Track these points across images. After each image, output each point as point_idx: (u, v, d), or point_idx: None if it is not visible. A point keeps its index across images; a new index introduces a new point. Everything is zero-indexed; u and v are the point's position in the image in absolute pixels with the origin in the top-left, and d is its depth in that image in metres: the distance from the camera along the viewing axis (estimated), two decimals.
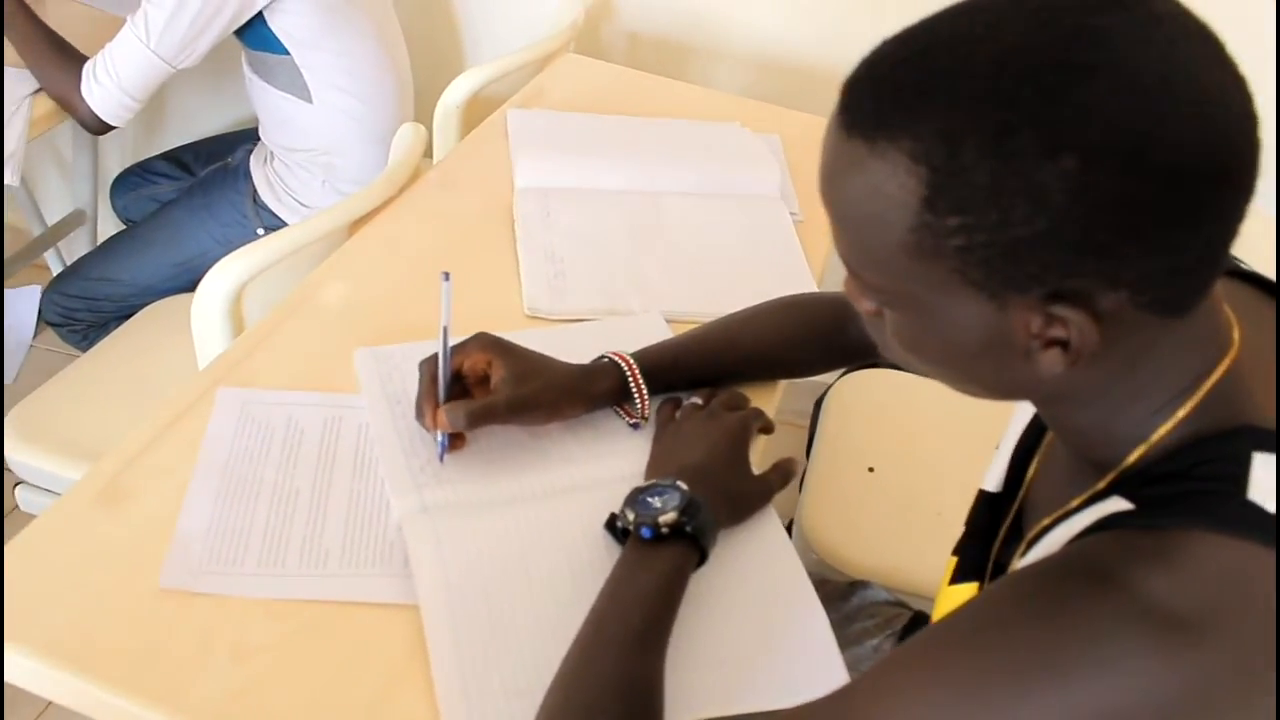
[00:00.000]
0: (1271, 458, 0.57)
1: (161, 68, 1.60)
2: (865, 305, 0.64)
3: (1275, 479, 0.56)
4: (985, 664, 0.56)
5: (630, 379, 0.99)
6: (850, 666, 0.89)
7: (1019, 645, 0.55)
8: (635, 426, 1.01)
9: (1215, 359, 0.60)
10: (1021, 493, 0.78)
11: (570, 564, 0.88)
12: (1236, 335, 0.62)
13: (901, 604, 1.15)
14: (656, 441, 0.98)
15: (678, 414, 1.00)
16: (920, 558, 1.33)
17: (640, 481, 0.94)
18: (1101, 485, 0.63)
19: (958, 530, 0.87)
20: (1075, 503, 0.65)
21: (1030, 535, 0.69)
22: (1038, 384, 0.60)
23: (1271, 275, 0.71)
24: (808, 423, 1.67)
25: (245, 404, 1.00)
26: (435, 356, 0.94)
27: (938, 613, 0.84)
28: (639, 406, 1.00)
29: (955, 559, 0.83)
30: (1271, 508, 0.55)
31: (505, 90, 1.65)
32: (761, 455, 1.02)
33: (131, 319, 1.72)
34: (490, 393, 0.95)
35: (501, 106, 1.55)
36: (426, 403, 0.94)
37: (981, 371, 0.62)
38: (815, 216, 1.41)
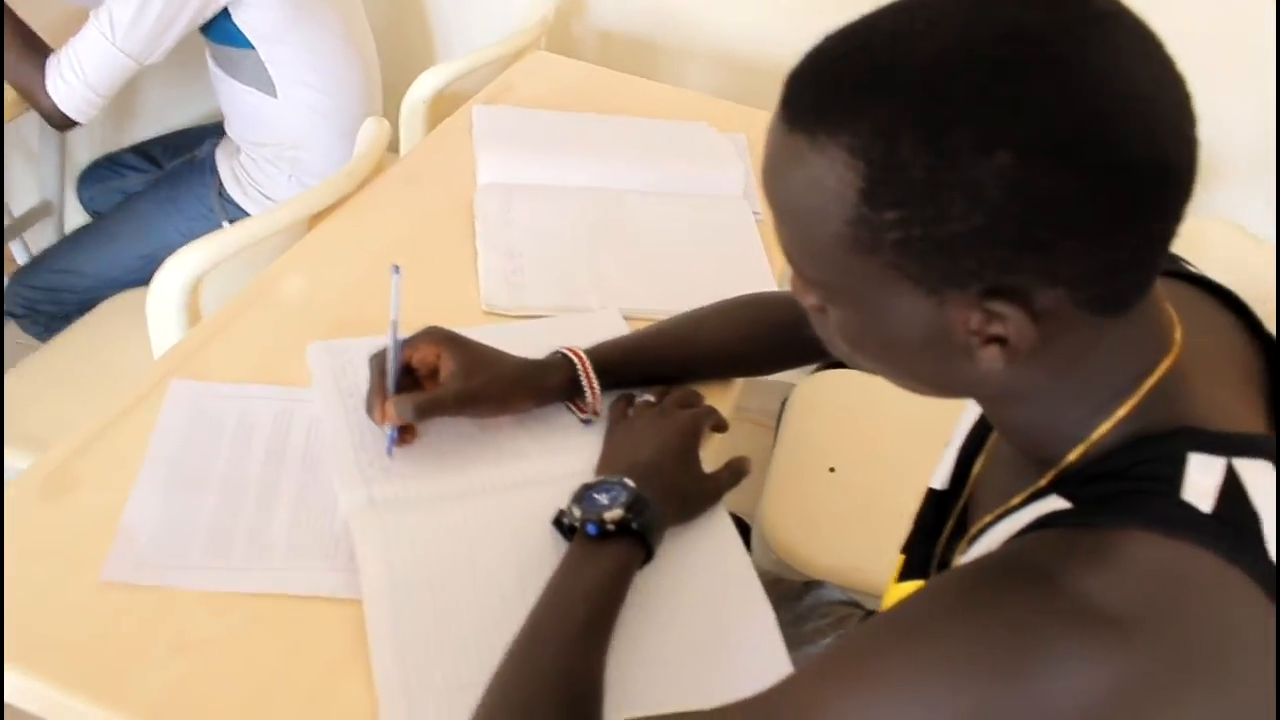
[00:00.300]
0: (1207, 458, 0.57)
1: (127, 64, 1.58)
2: (809, 301, 0.64)
3: (1215, 479, 0.56)
4: (919, 660, 0.56)
5: (582, 374, 0.99)
6: (800, 666, 0.89)
7: (953, 641, 0.55)
8: (587, 422, 1.01)
9: (1155, 359, 0.61)
10: (967, 490, 0.79)
11: (517, 559, 0.88)
12: (1178, 335, 0.62)
13: (855, 604, 1.16)
14: (608, 438, 0.98)
15: (630, 411, 1.00)
16: (879, 558, 1.31)
17: (591, 478, 0.94)
18: (1043, 483, 0.63)
19: None
20: (1017, 500, 0.65)
21: (972, 532, 0.70)
22: (979, 382, 0.61)
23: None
24: (774, 422, 1.68)
25: (197, 397, 1.00)
26: (385, 351, 0.94)
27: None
28: (590, 402, 0.99)
29: (904, 557, 0.83)
30: (1205, 508, 0.55)
31: (473, 86, 1.64)
32: (729, 454, 1.02)
33: (93, 311, 1.71)
34: (440, 386, 0.95)
35: (468, 103, 1.55)
36: (376, 396, 0.93)
37: (923, 368, 0.62)
38: None
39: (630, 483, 0.87)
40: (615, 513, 0.84)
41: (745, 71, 1.95)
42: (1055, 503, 0.60)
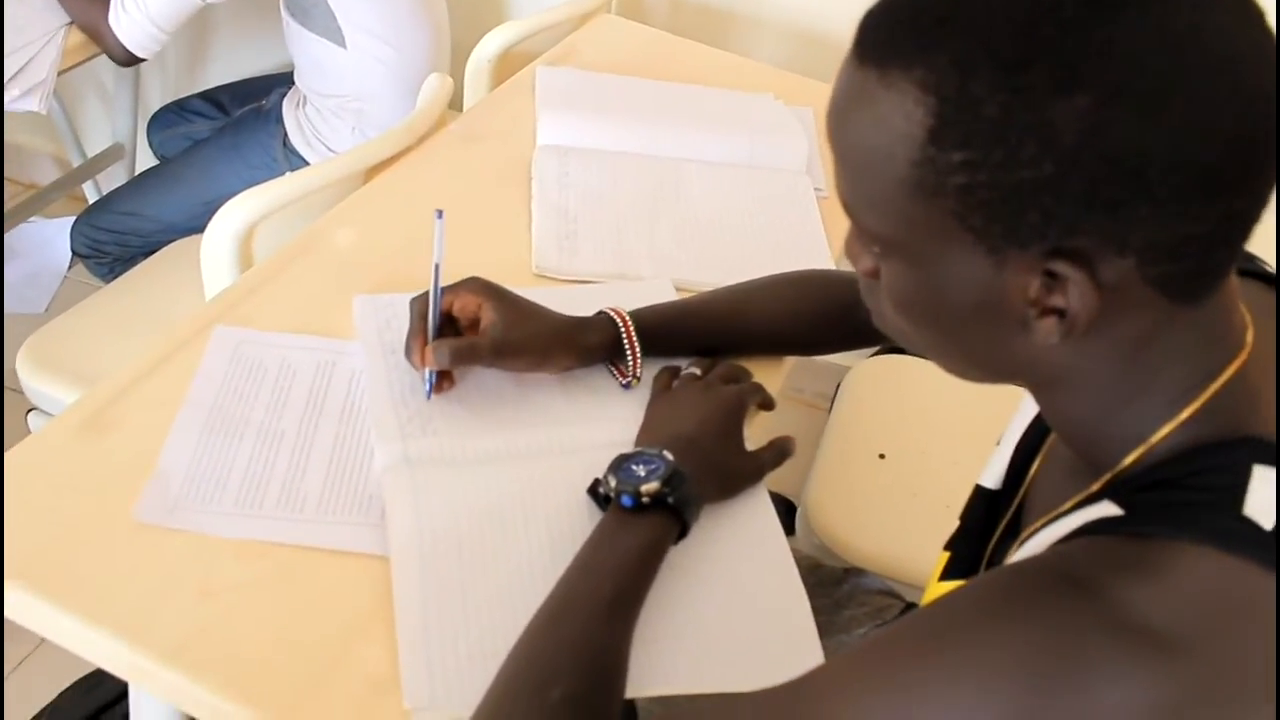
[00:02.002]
0: (1273, 472, 0.54)
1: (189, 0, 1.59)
2: (863, 264, 0.61)
3: (1276, 493, 0.53)
4: (952, 664, 0.53)
5: (624, 335, 0.98)
6: (833, 654, 0.87)
7: (988, 648, 0.52)
8: (626, 386, 0.99)
9: (1225, 360, 0.57)
10: (1022, 491, 0.75)
11: (549, 528, 0.87)
12: (1250, 337, 0.58)
13: (894, 594, 1.13)
14: (650, 408, 0.96)
15: (674, 383, 0.98)
16: (922, 549, 1.28)
17: (628, 448, 0.92)
18: (1095, 487, 0.60)
19: None
20: (1069, 504, 0.62)
21: (1023, 535, 0.67)
22: (1031, 361, 0.58)
23: None
24: (828, 404, 1.65)
25: (240, 343, 1.00)
26: (426, 294, 0.94)
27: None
28: (630, 365, 0.98)
29: (948, 554, 0.81)
30: (1268, 524, 0.52)
31: (540, 47, 1.62)
32: (779, 434, 0.98)
33: (154, 255, 1.73)
34: (479, 335, 0.94)
35: (532, 63, 1.53)
36: (415, 339, 0.93)
37: (974, 340, 0.59)
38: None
39: (669, 455, 0.85)
40: (651, 485, 0.82)
41: (815, 44, 1.91)
42: (1106, 508, 0.57)
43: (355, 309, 1.04)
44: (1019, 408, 0.81)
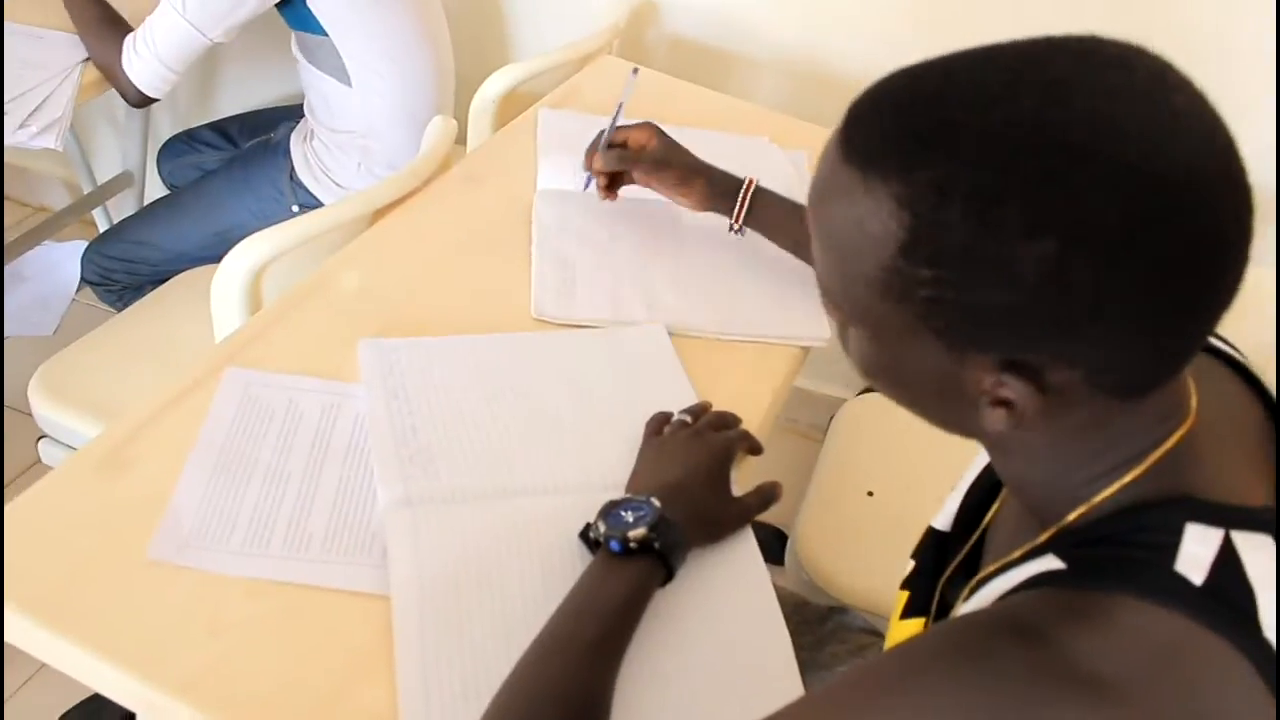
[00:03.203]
0: (1204, 529, 0.58)
1: (197, 39, 1.63)
2: (835, 316, 0.65)
3: (1211, 551, 0.57)
4: (907, 706, 0.57)
5: (742, 193, 1.22)
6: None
7: (943, 694, 0.56)
8: (733, 230, 1.24)
9: (1170, 430, 0.61)
10: (977, 533, 0.79)
11: (542, 569, 0.91)
12: (1193, 404, 0.62)
13: (876, 632, 1.16)
14: (640, 456, 1.00)
15: (665, 429, 1.02)
16: None
17: (621, 491, 0.96)
18: (1041, 540, 0.64)
19: None
20: (1017, 554, 0.66)
21: (974, 581, 0.71)
22: (985, 432, 0.61)
23: None
24: (822, 436, 1.68)
25: (249, 385, 1.04)
26: (605, 129, 1.24)
27: (890, 645, 0.86)
28: (735, 215, 1.23)
29: (906, 593, 0.84)
30: (1197, 580, 0.56)
31: (544, 87, 1.66)
32: (773, 464, 1.05)
33: (164, 285, 1.77)
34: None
35: (535, 104, 1.57)
36: (591, 149, 1.25)
37: (931, 408, 0.63)
38: None
39: (657, 503, 0.88)
40: (639, 531, 0.86)
41: (811, 84, 1.95)
42: (1050, 562, 0.61)
43: (360, 353, 1.08)
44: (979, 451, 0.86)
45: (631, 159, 1.23)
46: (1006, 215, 0.51)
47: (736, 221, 1.23)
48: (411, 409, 1.02)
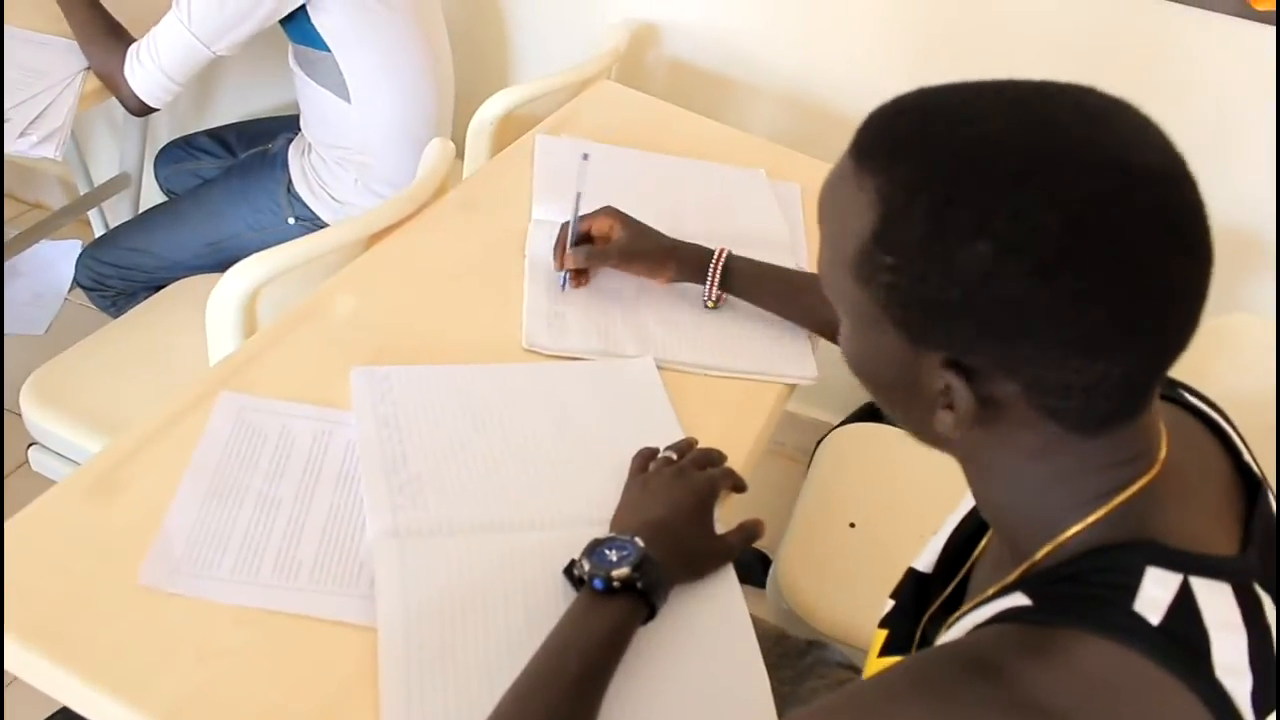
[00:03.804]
0: (1164, 573, 0.61)
1: (200, 50, 1.64)
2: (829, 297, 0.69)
3: (1169, 594, 0.60)
4: None
5: (712, 265, 1.24)
6: None
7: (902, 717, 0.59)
8: (705, 305, 1.27)
9: (1136, 475, 0.64)
10: (959, 577, 0.82)
11: (526, 603, 0.92)
12: (1163, 454, 0.65)
13: (854, 668, 1.18)
14: (625, 493, 1.02)
15: (650, 466, 1.04)
16: None
17: (606, 527, 0.98)
18: (1011, 578, 0.67)
19: None
20: (991, 591, 0.69)
21: (951, 619, 0.74)
22: (948, 440, 0.65)
23: None
24: (808, 459, 1.70)
25: (243, 409, 1.05)
26: (569, 222, 1.24)
27: None
28: (708, 288, 1.25)
29: (885, 632, 0.87)
30: (1154, 620, 0.59)
31: (543, 109, 1.68)
32: (758, 486, 1.09)
33: (158, 293, 1.78)
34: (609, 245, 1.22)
35: (532, 130, 1.59)
36: (558, 248, 1.24)
37: (898, 405, 0.68)
38: None
39: (640, 542, 0.90)
40: (622, 570, 0.88)
41: (806, 113, 1.97)
42: (1018, 599, 0.64)
43: (352, 380, 1.10)
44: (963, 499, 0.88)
45: (599, 255, 1.24)
46: (958, 216, 0.57)
47: (709, 295, 1.26)
48: (402, 437, 1.04)
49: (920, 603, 0.85)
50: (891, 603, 0.90)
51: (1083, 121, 0.58)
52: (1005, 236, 0.56)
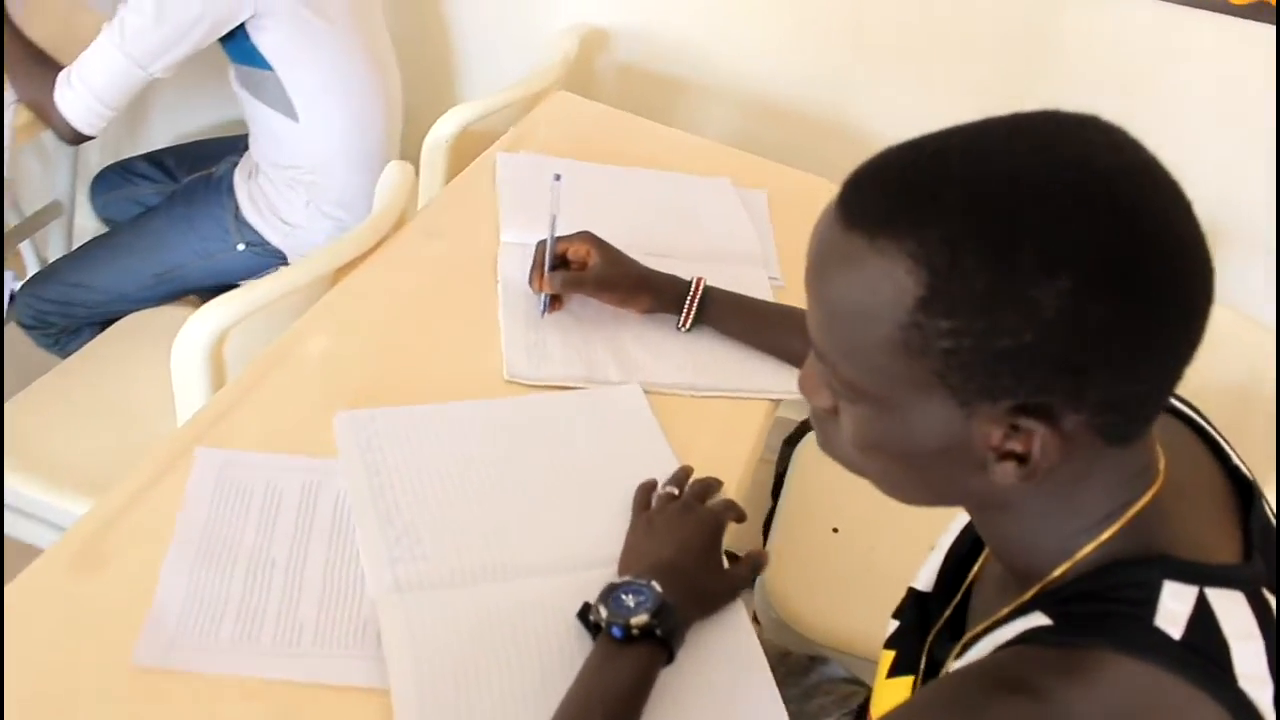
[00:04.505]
0: (1180, 586, 0.61)
1: (135, 73, 1.58)
2: (821, 401, 0.66)
3: (1187, 607, 0.60)
4: None
5: (689, 297, 1.23)
6: None
7: None
8: (679, 329, 1.25)
9: (1142, 489, 0.64)
10: (960, 594, 0.82)
11: (540, 654, 0.90)
12: (1162, 465, 0.66)
13: (859, 682, 1.18)
14: (631, 532, 1.00)
15: (653, 502, 1.02)
16: (878, 625, 1.35)
17: (613, 567, 0.96)
18: (1026, 597, 0.67)
19: None
20: (1004, 612, 0.68)
21: (965, 639, 0.73)
22: (980, 493, 0.64)
23: None
24: (775, 458, 1.70)
25: (224, 465, 1.01)
26: (545, 241, 1.20)
27: (876, 705, 0.87)
28: (682, 316, 1.23)
29: (892, 653, 0.86)
30: (1176, 635, 0.59)
31: (498, 124, 1.65)
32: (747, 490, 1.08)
33: (107, 331, 1.71)
34: (585, 271, 1.20)
35: (490, 147, 1.56)
36: (536, 270, 1.22)
37: (930, 477, 0.65)
38: (796, 282, 1.42)
39: (657, 587, 0.89)
40: (641, 617, 0.86)
41: (762, 114, 1.97)
42: (1037, 619, 0.64)
43: (336, 427, 1.06)
44: (954, 514, 0.88)
45: (574, 283, 1.21)
46: (1021, 257, 0.54)
47: (684, 324, 1.25)
48: (393, 484, 1.01)
49: (923, 621, 0.84)
50: (895, 623, 0.89)
51: (1094, 133, 0.58)
52: (1082, 264, 0.54)
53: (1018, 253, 0.54)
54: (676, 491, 1.03)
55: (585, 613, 0.91)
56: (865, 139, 1.92)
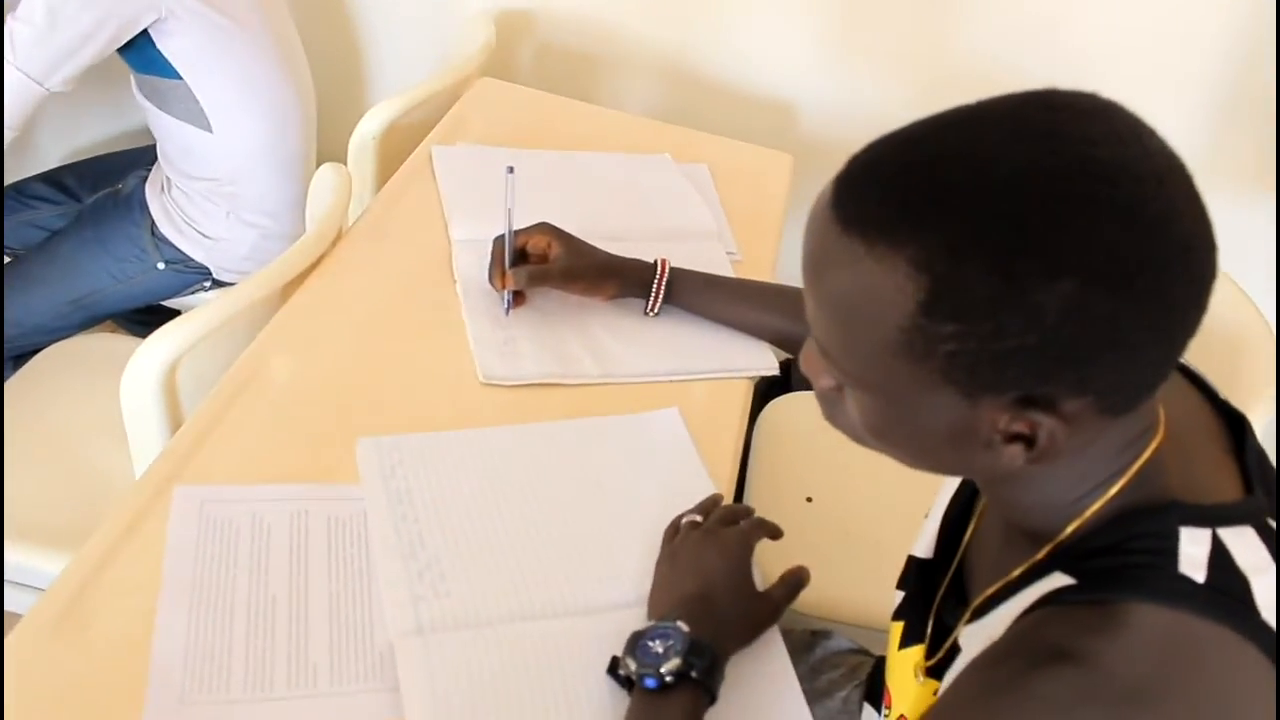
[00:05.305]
0: (1195, 531, 0.62)
1: (33, 89, 1.49)
2: (825, 383, 0.66)
3: (1205, 550, 0.61)
4: None
5: (656, 279, 1.21)
6: None
7: None
8: (646, 314, 1.23)
9: (1147, 442, 0.65)
10: (959, 556, 0.82)
11: (565, 696, 0.85)
12: (1162, 415, 0.67)
13: (864, 651, 1.18)
14: (658, 568, 0.95)
15: (677, 535, 0.97)
16: (862, 590, 1.36)
17: (642, 601, 0.92)
18: (1040, 556, 0.68)
19: (898, 562, 0.90)
20: (1016, 573, 0.69)
21: (976, 603, 0.73)
22: (988, 469, 0.64)
23: None
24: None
25: (204, 504, 0.96)
26: (504, 235, 1.17)
27: (892, 678, 0.87)
28: (650, 301, 1.22)
29: (901, 624, 0.86)
30: (1200, 578, 0.60)
31: (425, 116, 1.60)
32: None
33: (26, 366, 1.61)
34: (548, 264, 1.18)
35: (422, 142, 1.50)
36: (496, 267, 1.18)
37: (941, 456, 0.65)
38: (752, 254, 1.42)
39: (684, 626, 0.84)
40: (673, 663, 0.81)
41: (680, 85, 1.95)
42: (1059, 579, 0.65)
43: (359, 454, 1.02)
44: (943, 479, 0.89)
45: (539, 276, 1.18)
46: (1024, 263, 0.54)
47: (653, 308, 1.23)
48: (417, 515, 0.96)
49: (927, 589, 0.84)
50: (900, 594, 0.89)
51: (1084, 122, 0.57)
52: (1084, 266, 0.54)
53: (1019, 258, 0.54)
54: (700, 519, 0.98)
55: (615, 668, 0.85)
56: (792, 108, 1.92)
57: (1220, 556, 0.61)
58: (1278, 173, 1.77)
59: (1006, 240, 0.54)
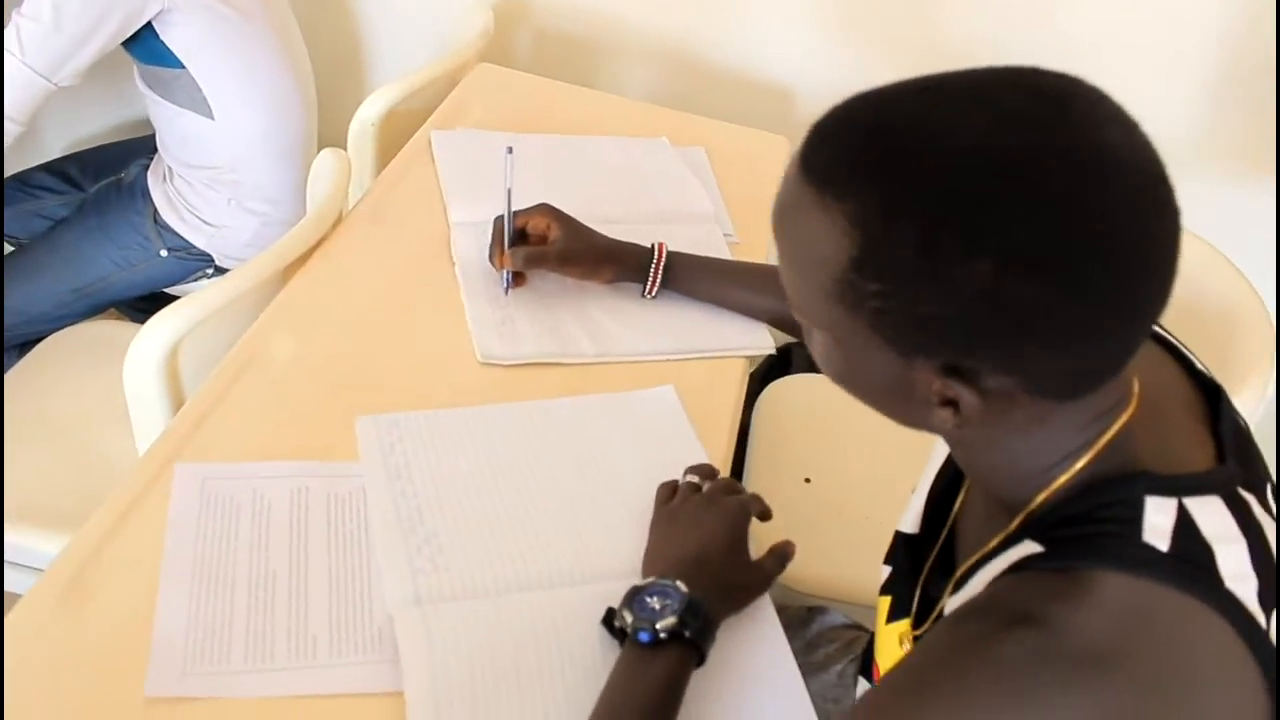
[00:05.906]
0: (1161, 500, 0.63)
1: (40, 84, 1.51)
2: (801, 320, 0.68)
3: (1170, 519, 0.62)
4: (926, 708, 0.61)
5: (653, 263, 1.21)
6: (816, 695, 0.93)
7: (955, 690, 0.60)
8: (643, 296, 1.24)
9: (1116, 415, 0.66)
10: (945, 530, 0.83)
11: (562, 664, 0.87)
12: (1136, 387, 0.67)
13: (859, 626, 1.19)
14: (653, 529, 0.97)
15: (675, 497, 0.99)
16: (857, 569, 1.36)
17: (637, 573, 0.93)
18: (1013, 527, 0.69)
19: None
20: (993, 544, 0.70)
21: (957, 575, 0.74)
22: (941, 427, 0.65)
23: None
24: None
25: (205, 480, 0.97)
26: (503, 216, 1.18)
27: (880, 651, 0.88)
28: (648, 284, 1.22)
29: (888, 598, 0.87)
30: (1164, 547, 0.61)
31: (423, 103, 1.61)
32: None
33: (30, 354, 1.63)
34: (547, 246, 1.19)
35: (423, 126, 1.51)
36: (496, 247, 1.19)
37: (890, 407, 0.67)
38: (750, 238, 1.42)
39: (683, 586, 0.85)
40: (669, 620, 0.83)
41: (679, 69, 1.95)
42: (1028, 547, 0.66)
43: (358, 431, 1.03)
44: (930, 455, 0.90)
45: (537, 258, 1.19)
46: (946, 237, 0.55)
47: (650, 292, 1.24)
48: (416, 490, 0.98)
49: (914, 563, 0.85)
50: (888, 569, 0.90)
51: (1048, 107, 0.57)
52: (1002, 248, 0.55)
53: (943, 230, 0.55)
54: (697, 482, 1.00)
55: (610, 619, 0.88)
56: (789, 92, 1.93)
57: (1185, 526, 0.62)
58: (1277, 166, 1.77)
59: (935, 211, 0.55)
